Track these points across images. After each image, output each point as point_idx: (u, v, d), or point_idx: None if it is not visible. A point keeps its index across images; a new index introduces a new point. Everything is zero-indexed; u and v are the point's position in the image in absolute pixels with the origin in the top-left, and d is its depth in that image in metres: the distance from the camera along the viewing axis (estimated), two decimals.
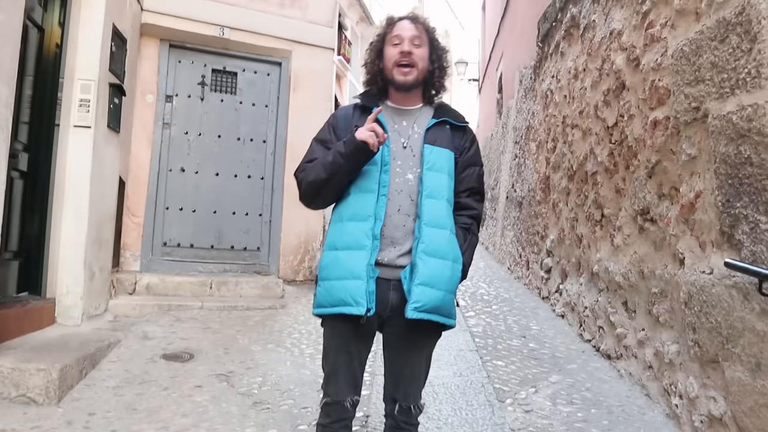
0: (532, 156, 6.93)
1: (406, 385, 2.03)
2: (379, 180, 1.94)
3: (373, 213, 1.91)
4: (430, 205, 1.94)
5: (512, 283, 7.14)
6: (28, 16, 3.78)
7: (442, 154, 2.01)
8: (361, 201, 1.94)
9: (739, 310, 2.34)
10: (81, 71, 4.45)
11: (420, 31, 2.07)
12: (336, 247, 1.94)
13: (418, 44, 2.04)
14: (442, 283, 1.91)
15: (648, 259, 3.36)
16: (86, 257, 4.43)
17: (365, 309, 1.84)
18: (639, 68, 3.48)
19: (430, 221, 1.92)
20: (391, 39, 2.06)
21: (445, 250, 1.94)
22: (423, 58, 2.06)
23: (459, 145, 2.09)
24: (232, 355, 4.14)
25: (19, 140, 3.95)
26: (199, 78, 6.36)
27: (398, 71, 2.02)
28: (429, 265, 1.89)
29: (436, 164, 1.99)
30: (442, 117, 2.07)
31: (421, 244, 1.90)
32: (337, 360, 1.99)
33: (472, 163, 2.12)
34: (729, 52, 2.42)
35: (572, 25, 5.12)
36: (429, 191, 1.95)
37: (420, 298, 1.86)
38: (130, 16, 5.36)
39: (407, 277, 1.90)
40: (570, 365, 3.95)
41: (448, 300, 1.94)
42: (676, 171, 2.98)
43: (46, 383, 3.15)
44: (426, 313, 1.86)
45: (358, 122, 2.02)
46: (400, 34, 2.04)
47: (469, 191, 2.11)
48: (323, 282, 1.95)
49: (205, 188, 6.31)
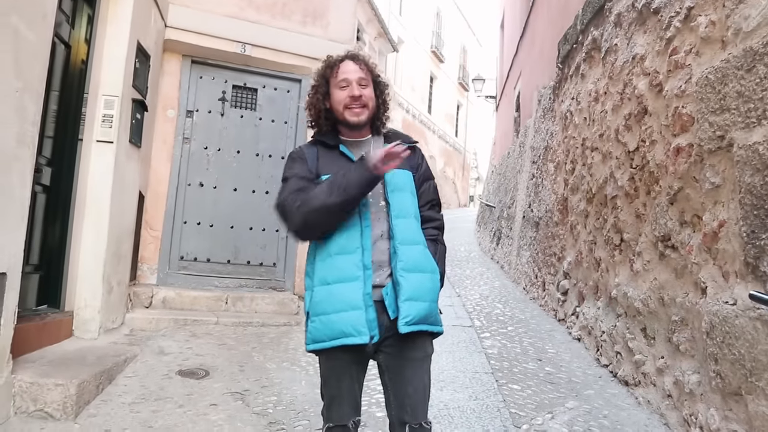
0: (549, 176, 6.90)
1: (412, 403, 2.03)
2: (360, 212, 2.03)
3: (360, 244, 2.00)
4: (401, 225, 2.05)
5: (528, 304, 7.08)
6: (55, 33, 3.84)
7: (402, 175, 2.13)
8: (348, 235, 2.01)
9: (763, 343, 2.30)
10: (105, 87, 4.52)
11: (364, 71, 2.16)
12: (328, 282, 2.00)
13: (364, 85, 2.15)
14: (426, 295, 2.02)
15: (668, 286, 3.32)
16: (105, 271, 4.47)
17: (368, 337, 1.93)
18: (662, 94, 3.46)
19: (404, 239, 2.03)
20: (337, 82, 2.14)
21: (423, 263, 2.05)
22: (371, 97, 2.16)
23: (414, 164, 2.22)
24: (247, 373, 4.14)
25: (43, 155, 4.00)
26: (220, 94, 6.43)
27: (350, 113, 2.12)
28: (411, 281, 1.98)
29: (398, 185, 2.11)
30: (392, 142, 2.09)
31: (400, 262, 1.99)
32: (340, 386, 2.04)
33: (427, 177, 2.26)
34: (756, 82, 2.40)
35: (593, 47, 5.11)
36: (397, 211, 2.06)
37: (409, 312, 1.95)
38: (154, 33, 5.44)
39: (389, 294, 1.98)
40: (587, 391, 3.91)
41: (432, 309, 2.05)
42: (699, 199, 2.95)
43: (63, 398, 3.17)
44: (416, 325, 1.96)
45: (324, 158, 2.13)
46: (347, 77, 2.12)
47: (429, 204, 2.24)
48: (318, 317, 1.99)
49: (223, 203, 6.35)
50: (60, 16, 3.94)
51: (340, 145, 2.15)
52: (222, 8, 6.22)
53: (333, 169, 2.05)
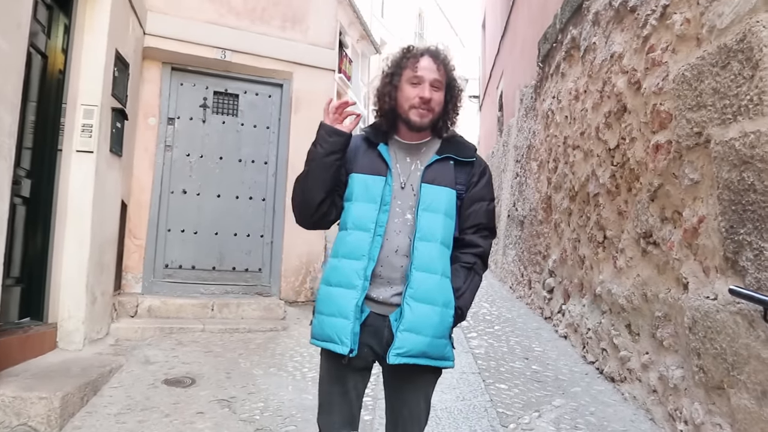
0: (533, 175, 6.94)
1: (405, 426, 1.97)
2: (377, 219, 1.90)
3: (367, 253, 1.88)
4: (421, 248, 1.88)
5: (514, 303, 7.11)
6: (31, 44, 3.80)
7: (440, 192, 1.94)
8: (357, 239, 1.90)
9: (744, 337, 2.32)
10: (84, 96, 4.48)
11: (441, 73, 1.98)
12: (330, 283, 1.93)
13: (437, 87, 1.97)
14: (428, 329, 1.85)
15: (651, 282, 3.35)
16: (88, 281, 4.42)
17: (348, 349, 1.82)
18: (640, 91, 3.49)
19: (419, 265, 1.87)
20: (410, 77, 1.96)
21: (434, 295, 1.87)
22: (440, 102, 1.98)
23: (465, 181, 2.00)
24: (234, 380, 4.12)
25: (21, 166, 3.95)
26: (201, 100, 6.39)
27: (415, 113, 1.95)
28: (415, 311, 1.84)
29: (432, 204, 1.92)
30: (445, 153, 2.00)
31: (410, 289, 1.85)
32: (331, 391, 1.96)
33: (480, 197, 2.03)
34: (731, 78, 2.43)
35: (573, 46, 5.15)
36: (422, 233, 1.89)
37: (403, 344, 1.82)
38: (132, 41, 5.40)
39: (396, 320, 1.87)
40: (573, 388, 3.92)
41: (437, 345, 1.87)
42: (679, 195, 2.98)
43: (47, 412, 3.13)
44: (410, 358, 1.83)
45: (363, 155, 2.01)
46: (422, 75, 1.94)
47: (476, 228, 2.02)
48: (317, 315, 1.94)
49: (207, 210, 6.31)
50: (35, 25, 3.91)
51: (380, 144, 2.01)
52: (201, 15, 6.20)
53: (366, 168, 1.95)
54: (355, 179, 1.97)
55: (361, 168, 1.97)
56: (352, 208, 1.95)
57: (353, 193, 1.96)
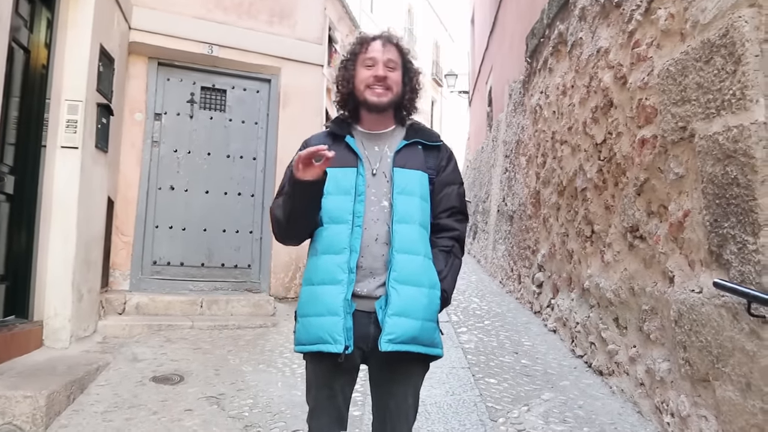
0: (522, 170, 6.95)
1: (392, 421, 1.93)
2: (353, 210, 1.88)
3: (348, 245, 1.84)
4: (401, 231, 1.86)
5: (504, 298, 7.13)
6: (13, 38, 3.76)
7: (413, 176, 1.94)
8: (336, 233, 1.87)
9: (728, 330, 2.34)
10: (68, 92, 4.43)
11: (394, 53, 2.01)
12: (312, 282, 1.89)
13: (392, 67, 1.99)
14: (418, 312, 1.82)
15: (638, 276, 3.37)
16: (74, 279, 4.39)
17: (343, 347, 1.77)
18: (626, 86, 3.50)
19: (401, 248, 1.85)
20: (364, 60, 1.99)
21: (419, 276, 1.85)
22: (397, 81, 2.00)
23: (434, 165, 2.02)
24: (223, 377, 4.10)
25: (5, 162, 3.92)
26: (188, 96, 6.35)
27: (371, 92, 1.96)
28: (402, 294, 1.81)
29: (407, 187, 1.91)
30: (412, 138, 2.01)
31: (393, 272, 1.83)
32: (319, 396, 1.93)
33: (450, 181, 2.04)
34: (714, 73, 2.43)
35: (560, 41, 5.15)
36: (400, 216, 1.87)
37: (394, 329, 1.78)
38: (117, 36, 5.35)
39: (382, 308, 1.82)
40: (562, 382, 3.94)
41: (427, 329, 1.85)
42: (665, 189, 2.99)
43: (33, 410, 3.10)
44: (402, 344, 1.78)
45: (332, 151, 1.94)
46: (374, 56, 1.98)
47: (450, 211, 2.02)
48: (302, 319, 1.89)
49: (195, 206, 6.28)
50: (17, 20, 3.86)
51: (347, 136, 1.98)
52: (188, 9, 6.15)
53: (335, 163, 1.85)
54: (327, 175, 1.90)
55: (335, 163, 1.88)
56: (326, 203, 1.90)
57: (326, 188, 1.89)
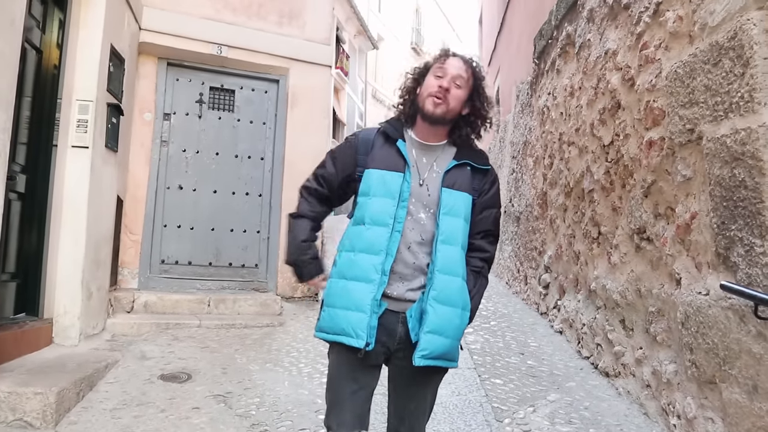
0: (529, 171, 6.95)
1: (411, 419, 2.00)
2: (395, 215, 1.93)
3: (385, 248, 1.90)
4: (444, 251, 1.91)
5: (510, 298, 7.13)
6: (26, 39, 3.80)
7: (460, 198, 1.98)
8: (376, 235, 1.92)
9: (735, 332, 2.34)
10: (79, 92, 4.48)
11: (467, 73, 2.03)
12: (345, 277, 1.93)
13: (459, 85, 2.00)
14: (450, 331, 1.89)
15: (645, 277, 3.37)
16: (84, 277, 4.43)
17: (365, 342, 1.83)
18: (634, 88, 3.50)
19: (443, 268, 1.90)
20: (435, 70, 2.02)
21: (456, 298, 1.92)
22: (458, 99, 2.01)
23: (478, 187, 2.05)
24: (230, 375, 4.13)
25: (16, 162, 3.96)
26: (197, 96, 6.39)
27: (429, 101, 1.98)
28: (439, 314, 1.87)
29: (453, 208, 1.96)
30: (463, 159, 2.03)
31: (433, 291, 1.88)
32: (342, 389, 1.95)
33: (490, 205, 2.08)
34: (722, 75, 2.44)
35: (568, 43, 5.15)
36: (445, 237, 1.92)
37: (428, 346, 1.85)
38: (128, 36, 5.39)
39: (413, 316, 1.90)
40: (568, 383, 3.95)
41: (453, 346, 1.93)
42: (672, 191, 2.99)
43: (43, 407, 3.14)
44: (433, 360, 1.87)
45: (379, 150, 2.03)
46: (446, 68, 2.01)
47: (484, 233, 2.07)
48: (328, 308, 1.94)
49: (203, 206, 6.32)
50: (30, 21, 3.90)
51: (399, 140, 2.02)
52: (197, 10, 6.20)
53: (383, 164, 1.97)
54: (373, 175, 1.98)
55: (378, 163, 1.99)
56: (370, 204, 1.96)
57: (371, 189, 1.97)
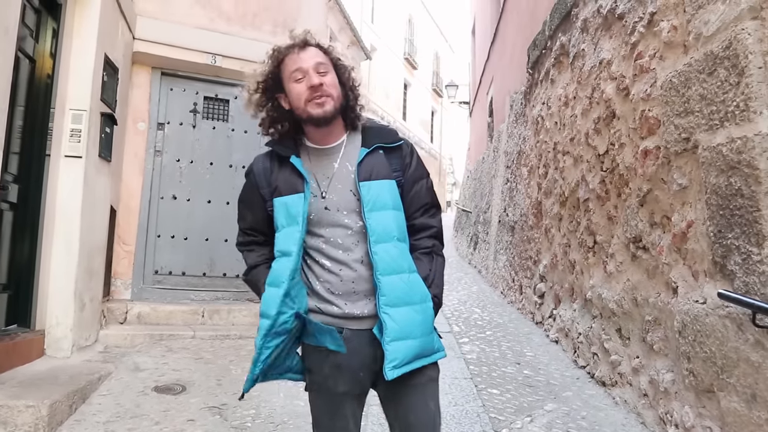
0: (523, 181, 6.96)
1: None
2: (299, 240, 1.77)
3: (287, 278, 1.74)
4: (381, 251, 1.73)
5: (506, 308, 7.12)
6: (19, 48, 3.78)
7: (381, 187, 1.79)
8: (280, 264, 1.78)
9: (733, 341, 2.34)
10: (72, 101, 4.46)
11: (319, 56, 1.79)
12: None
13: (324, 71, 1.77)
14: (415, 331, 1.72)
15: (641, 286, 3.37)
16: (76, 288, 4.39)
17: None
18: (629, 98, 3.52)
19: (386, 269, 1.72)
20: (290, 75, 1.78)
21: (408, 294, 1.74)
22: (334, 84, 1.78)
23: (399, 166, 1.86)
24: (225, 387, 4.09)
25: (9, 171, 3.93)
26: (191, 105, 6.38)
27: (312, 105, 1.74)
28: (396, 318, 1.70)
29: (377, 202, 1.76)
30: (372, 144, 1.84)
31: (383, 297, 1.71)
32: (334, 427, 1.82)
33: (418, 177, 1.89)
34: (717, 85, 2.45)
35: (562, 53, 5.18)
36: (377, 236, 1.74)
37: (396, 354, 1.68)
38: (121, 45, 5.38)
39: (378, 332, 1.73)
40: (565, 393, 3.93)
41: (427, 342, 1.76)
42: (668, 200, 3.00)
43: (35, 420, 3.10)
44: (406, 366, 1.70)
45: (279, 174, 1.83)
46: (300, 66, 1.76)
47: (423, 208, 1.89)
48: None
49: (197, 216, 6.29)
50: (23, 30, 3.89)
51: (292, 156, 1.81)
52: (192, 20, 6.19)
53: (285, 188, 1.78)
54: (276, 205, 1.81)
55: (281, 189, 1.80)
56: (278, 236, 1.81)
57: (278, 220, 1.81)
